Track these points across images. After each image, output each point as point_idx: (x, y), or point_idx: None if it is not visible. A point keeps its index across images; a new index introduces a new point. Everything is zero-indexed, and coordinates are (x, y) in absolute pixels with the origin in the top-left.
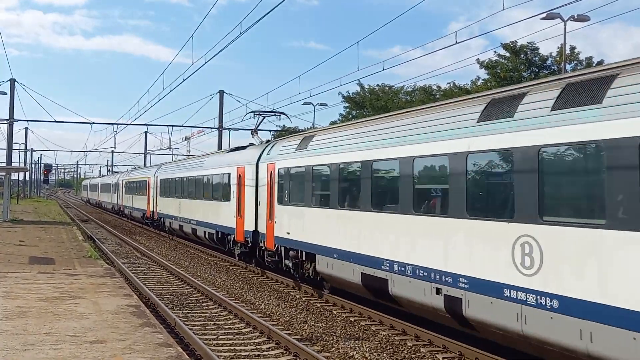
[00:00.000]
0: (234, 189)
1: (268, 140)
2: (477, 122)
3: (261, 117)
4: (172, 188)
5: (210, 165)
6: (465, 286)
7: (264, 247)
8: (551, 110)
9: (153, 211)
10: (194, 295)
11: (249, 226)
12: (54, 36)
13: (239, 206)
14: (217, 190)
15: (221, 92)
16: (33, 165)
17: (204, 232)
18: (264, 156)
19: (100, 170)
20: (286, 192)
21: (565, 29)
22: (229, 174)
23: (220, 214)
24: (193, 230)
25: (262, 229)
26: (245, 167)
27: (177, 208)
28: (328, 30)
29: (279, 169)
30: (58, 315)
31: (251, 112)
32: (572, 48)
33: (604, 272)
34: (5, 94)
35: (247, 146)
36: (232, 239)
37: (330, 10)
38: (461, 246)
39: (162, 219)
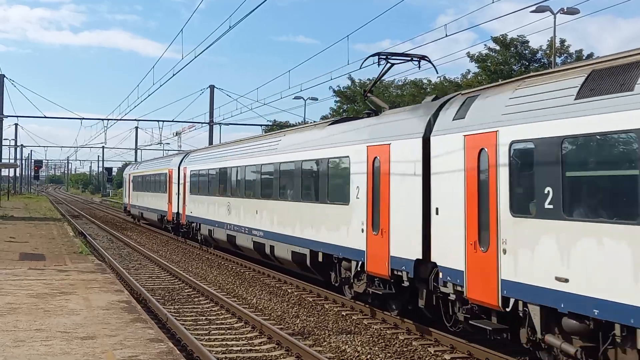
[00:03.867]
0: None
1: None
2: None
3: (389, 64)
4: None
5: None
6: None
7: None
8: None
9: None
10: (186, 291)
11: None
12: (42, 31)
13: (375, 215)
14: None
15: (212, 87)
16: (23, 161)
17: (289, 251)
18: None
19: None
20: None
21: (555, 21)
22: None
23: (331, 225)
24: (256, 246)
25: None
26: (393, 144)
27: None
28: (316, 24)
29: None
30: (48, 311)
31: (375, 54)
32: (562, 41)
33: None
34: None
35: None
36: (355, 267)
37: (318, 4)
38: None
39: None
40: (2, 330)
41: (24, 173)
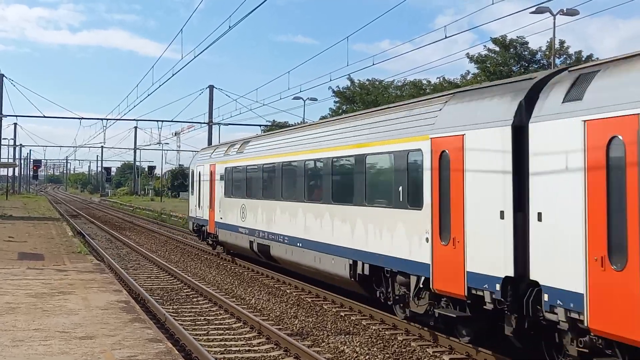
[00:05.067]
0: None
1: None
2: None
3: None
4: None
5: None
6: None
7: None
8: None
9: None
10: (184, 291)
11: None
12: (40, 31)
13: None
14: None
15: (211, 87)
16: (22, 161)
17: None
18: None
19: None
20: None
21: (554, 22)
22: None
23: None
24: None
25: None
26: None
27: None
28: (315, 23)
29: None
30: (47, 311)
31: None
32: (562, 42)
33: None
34: None
35: None
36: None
37: (317, 2)
38: None
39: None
40: (1, 330)
41: (22, 173)
